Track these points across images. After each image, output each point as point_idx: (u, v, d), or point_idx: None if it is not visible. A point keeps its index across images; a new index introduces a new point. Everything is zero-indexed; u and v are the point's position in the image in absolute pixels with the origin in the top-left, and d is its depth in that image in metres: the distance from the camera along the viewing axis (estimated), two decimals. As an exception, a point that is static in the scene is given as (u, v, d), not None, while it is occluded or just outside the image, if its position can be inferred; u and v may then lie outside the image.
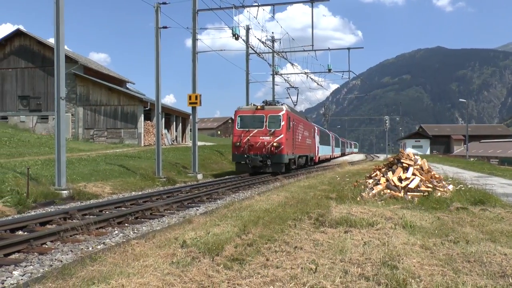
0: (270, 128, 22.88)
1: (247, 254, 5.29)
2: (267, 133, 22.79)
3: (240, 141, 22.82)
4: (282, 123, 22.93)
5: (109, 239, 7.67)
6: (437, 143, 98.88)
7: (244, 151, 22.67)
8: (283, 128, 22.90)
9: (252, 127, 23.08)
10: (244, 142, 22.71)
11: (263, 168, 22.63)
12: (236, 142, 22.99)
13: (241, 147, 22.71)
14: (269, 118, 23.04)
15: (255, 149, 22.64)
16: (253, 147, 22.64)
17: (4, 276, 5.44)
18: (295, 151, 25.81)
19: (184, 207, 11.86)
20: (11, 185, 12.25)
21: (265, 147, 22.53)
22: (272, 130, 22.78)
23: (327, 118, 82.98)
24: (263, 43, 27.79)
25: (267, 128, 22.90)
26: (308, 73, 36.11)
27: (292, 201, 10.24)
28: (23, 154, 21.59)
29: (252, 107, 23.98)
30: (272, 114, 23.17)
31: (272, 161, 22.49)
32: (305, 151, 30.68)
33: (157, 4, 20.94)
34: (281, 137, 22.67)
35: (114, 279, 4.30)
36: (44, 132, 37.22)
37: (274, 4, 24.04)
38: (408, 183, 10.79)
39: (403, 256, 5.11)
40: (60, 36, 13.77)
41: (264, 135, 22.76)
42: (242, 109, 24.07)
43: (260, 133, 22.86)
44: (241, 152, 22.75)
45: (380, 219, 7.28)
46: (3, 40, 38.60)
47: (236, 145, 22.99)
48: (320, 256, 5.19)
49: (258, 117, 23.27)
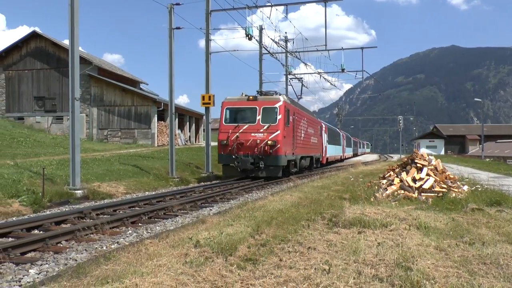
0: (264, 122, 19.31)
1: (260, 254, 5.29)
2: (260, 128, 19.24)
3: (227, 138, 19.32)
4: (279, 117, 19.29)
5: (123, 238, 7.73)
6: (451, 143, 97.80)
7: (232, 151, 19.18)
8: (280, 122, 19.27)
9: (242, 121, 19.64)
10: (232, 140, 19.22)
11: (255, 172, 19.18)
12: (223, 140, 19.51)
13: (229, 146, 19.26)
14: (263, 111, 19.48)
15: (246, 148, 19.12)
16: (243, 146, 19.13)
17: (21, 274, 5.52)
18: (296, 151, 22.08)
19: (197, 207, 11.90)
20: (27, 184, 12.41)
21: (257, 146, 18.96)
22: (266, 125, 19.20)
23: (341, 118, 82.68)
24: (277, 43, 27.79)
25: (260, 122, 19.35)
26: (321, 73, 36.02)
27: (306, 201, 10.22)
28: (39, 154, 21.87)
29: (243, 97, 20.32)
30: (267, 106, 19.58)
31: (266, 164, 18.93)
32: (310, 151, 26.80)
33: (170, 5, 21.05)
34: (277, 133, 19.04)
35: (128, 278, 4.33)
36: (59, 133, 37.65)
37: (287, 4, 24.01)
38: (422, 183, 10.70)
39: (417, 258, 5.07)
40: (75, 37, 13.91)
41: (257, 132, 19.24)
42: (230, 100, 20.43)
43: (252, 129, 19.34)
44: (229, 152, 19.30)
45: (394, 220, 7.23)
46: (19, 42, 39.14)
47: (222, 144, 19.53)
48: (334, 257, 5.16)
49: (250, 109, 19.81)
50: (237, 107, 20.08)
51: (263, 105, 19.61)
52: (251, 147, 19.04)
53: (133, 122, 37.35)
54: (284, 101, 19.86)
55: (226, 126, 19.74)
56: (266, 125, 19.15)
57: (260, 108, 19.51)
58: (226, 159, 19.43)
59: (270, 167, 19.03)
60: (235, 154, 19.08)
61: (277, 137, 18.99)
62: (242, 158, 18.90)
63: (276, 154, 18.90)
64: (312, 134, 27.89)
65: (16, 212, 10.40)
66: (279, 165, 19.19)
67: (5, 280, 5.25)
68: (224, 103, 20.31)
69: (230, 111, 20.09)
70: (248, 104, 19.91)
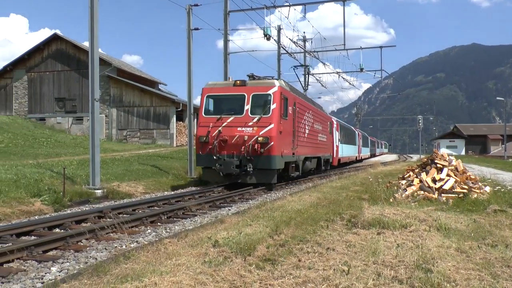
0: (254, 114, 15.37)
1: (279, 254, 5.28)
2: (249, 121, 15.30)
3: (207, 134, 15.46)
4: (273, 107, 15.28)
5: (142, 237, 7.80)
6: (472, 143, 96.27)
7: (212, 150, 15.32)
8: (275, 114, 15.25)
9: (227, 112, 15.75)
10: (213, 137, 15.39)
11: (242, 177, 15.30)
12: (202, 136, 15.63)
13: (209, 144, 15.43)
14: (252, 99, 15.55)
15: (230, 147, 15.25)
16: (227, 143, 15.24)
17: (43, 271, 5.62)
18: (298, 151, 18.04)
19: (216, 207, 11.94)
20: (48, 184, 12.62)
21: (245, 143, 15.05)
22: (256, 117, 15.26)
23: (359, 118, 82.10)
24: (295, 43, 27.76)
25: (249, 114, 15.40)
26: (340, 72, 35.86)
27: (324, 201, 10.18)
28: (60, 154, 22.23)
29: (229, 82, 16.62)
30: (258, 93, 15.62)
31: (256, 166, 15.02)
32: (317, 150, 22.68)
33: (189, 6, 21.17)
34: (270, 128, 15.05)
35: (147, 277, 4.37)
36: (79, 133, 38.22)
37: (305, 4, 23.97)
38: (443, 184, 10.56)
39: (437, 259, 5.01)
40: (94, 39, 14.10)
41: (245, 125, 15.31)
42: (212, 86, 16.50)
43: (239, 122, 15.41)
44: (209, 151, 15.44)
45: (414, 221, 7.15)
46: (41, 45, 39.87)
47: (201, 141, 15.65)
48: (353, 258, 5.13)
49: (236, 97, 15.89)
50: (220, 95, 16.22)
51: (253, 91, 15.63)
52: (237, 145, 15.17)
53: (152, 123, 37.68)
54: (280, 87, 15.78)
55: (206, 119, 15.94)
56: (257, 117, 15.23)
57: (249, 96, 15.57)
58: (206, 160, 15.65)
59: (261, 171, 15.17)
60: (216, 154, 15.27)
61: (271, 132, 15.05)
62: (225, 160, 15.14)
63: (268, 154, 14.99)
64: (320, 131, 23.87)
65: (38, 211, 10.59)
66: (273, 168, 15.26)
67: (28, 277, 5.35)
68: (205, 90, 16.46)
69: (212, 99, 16.35)
70: (235, 90, 15.98)
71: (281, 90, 15.68)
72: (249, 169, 14.98)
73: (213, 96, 16.29)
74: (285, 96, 16.19)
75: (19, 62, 40.46)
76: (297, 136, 17.98)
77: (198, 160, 16.18)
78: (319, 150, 23.24)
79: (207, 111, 16.17)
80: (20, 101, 40.47)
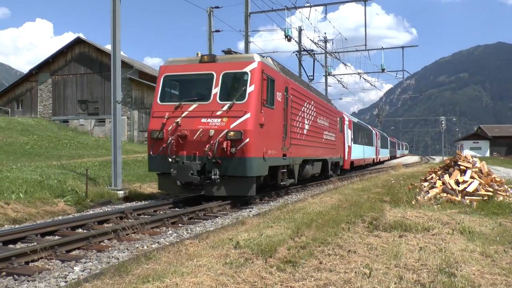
0: (225, 100, 11.39)
1: (300, 256, 5.27)
2: (217, 110, 11.29)
3: (161, 128, 11.61)
4: (250, 89, 11.21)
5: (163, 238, 7.86)
6: (497, 145, 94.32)
7: (167, 149, 11.46)
8: (252, 99, 11.17)
9: (189, 98, 11.77)
10: (170, 131, 11.53)
11: (206, 187, 11.28)
12: (154, 130, 11.77)
13: (163, 142, 11.57)
14: (223, 80, 11.55)
15: (191, 145, 11.29)
16: (187, 141, 11.31)
17: (66, 271, 5.71)
18: (292, 151, 13.91)
19: (237, 208, 11.95)
20: (71, 185, 12.84)
21: (210, 140, 11.08)
22: (227, 103, 11.27)
23: (381, 119, 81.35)
24: (316, 43, 27.63)
25: (218, 100, 11.40)
26: (361, 73, 35.60)
27: (346, 203, 10.11)
28: (82, 156, 22.60)
29: (194, 58, 12.29)
30: (230, 71, 11.61)
31: (225, 173, 11.05)
32: (322, 151, 18.67)
33: (210, 8, 21.31)
34: (245, 118, 11.03)
35: (168, 278, 4.40)
36: (101, 135, 38.80)
37: (326, 4, 23.92)
38: (466, 186, 10.38)
39: (461, 263, 4.92)
40: (116, 43, 14.29)
41: (211, 116, 11.29)
42: (173, 63, 12.59)
43: (203, 111, 11.40)
44: (162, 152, 11.56)
45: (436, 223, 7.04)
46: (65, 48, 40.70)
47: (153, 137, 11.73)
48: (374, 261, 5.08)
49: (202, 77, 11.94)
50: (181, 75, 12.28)
51: (224, 69, 11.57)
52: (201, 143, 11.12)
53: (173, 124, 37.93)
54: (262, 63, 11.58)
55: (161, 108, 12.01)
56: (228, 104, 11.18)
57: (219, 75, 11.52)
58: (158, 164, 11.69)
59: (232, 179, 11.12)
60: (172, 156, 11.34)
61: (246, 124, 10.91)
62: (184, 163, 11.08)
63: (243, 155, 10.86)
64: (327, 128, 19.86)
65: (62, 211, 10.78)
66: (249, 176, 11.12)
67: (52, 276, 5.45)
68: (162, 69, 12.60)
69: (170, 81, 12.49)
70: (201, 68, 11.91)
71: (262, 67, 11.49)
72: (214, 177, 10.84)
73: (172, 76, 12.41)
74: (271, 77, 12.11)
75: (44, 65, 41.38)
76: (291, 132, 13.95)
77: (149, 163, 12.05)
78: (325, 151, 19.38)
79: (163, 97, 12.28)
80: (45, 103, 41.34)
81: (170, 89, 12.59)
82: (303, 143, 15.65)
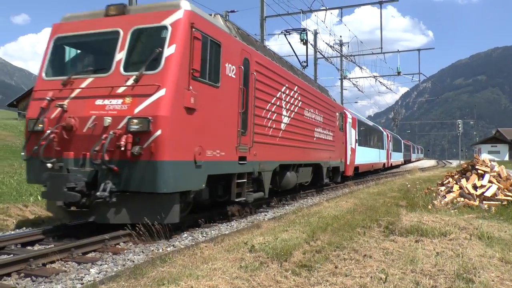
0: (131, 70, 7.48)
1: (315, 261, 5.25)
2: (119, 85, 7.41)
3: (39, 115, 7.84)
4: (168, 51, 7.29)
5: (179, 241, 7.88)
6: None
7: (45, 149, 7.52)
8: (172, 65, 7.23)
9: (82, 70, 8.19)
10: (52, 120, 7.71)
11: (96, 211, 7.30)
12: (31, 119, 7.91)
13: (41, 136, 7.61)
14: (132, 39, 7.74)
15: (80, 142, 7.41)
16: (74, 135, 7.47)
17: (83, 273, 5.77)
18: (259, 152, 10.41)
19: (252, 212, 11.95)
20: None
21: (104, 134, 7.19)
22: (134, 75, 7.33)
23: (397, 122, 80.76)
24: (331, 47, 27.66)
25: (122, 70, 7.53)
26: (376, 76, 35.43)
27: (361, 208, 10.06)
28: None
29: (99, 12, 8.36)
30: (142, 26, 7.76)
31: (126, 187, 7.13)
32: (312, 153, 15.01)
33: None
34: (158, 96, 7.08)
35: (184, 281, 4.42)
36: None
37: (341, 7, 23.90)
38: (484, 191, 10.24)
39: (479, 269, 4.85)
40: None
41: (110, 95, 7.42)
42: (70, 19, 8.62)
43: (101, 88, 7.54)
44: (35, 154, 7.63)
45: (454, 228, 6.97)
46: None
47: (30, 130, 7.87)
48: (390, 266, 5.05)
49: (103, 37, 8.12)
50: (77, 35, 8.37)
51: (135, 24, 7.83)
52: (92, 139, 7.30)
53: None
54: (190, 13, 7.72)
55: (46, 84, 8.19)
56: (134, 76, 7.34)
57: (127, 33, 7.79)
58: (37, 171, 7.73)
59: (137, 197, 7.36)
60: (51, 159, 7.51)
61: (158, 106, 7.09)
62: (67, 171, 7.26)
63: (151, 157, 7.02)
64: (320, 124, 16.04)
65: (79, 213, 10.90)
66: (163, 192, 7.18)
67: (69, 278, 5.51)
68: (55, 28, 8.65)
69: (63, 45, 8.60)
70: (104, 25, 8.12)
71: (192, 19, 7.67)
72: (101, 193, 6.94)
73: (66, 38, 8.52)
74: (212, 37, 8.33)
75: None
76: (256, 126, 10.27)
77: (26, 170, 8.21)
78: (317, 154, 15.67)
79: (51, 69, 8.43)
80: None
81: (62, 57, 8.60)
82: (280, 142, 11.89)
